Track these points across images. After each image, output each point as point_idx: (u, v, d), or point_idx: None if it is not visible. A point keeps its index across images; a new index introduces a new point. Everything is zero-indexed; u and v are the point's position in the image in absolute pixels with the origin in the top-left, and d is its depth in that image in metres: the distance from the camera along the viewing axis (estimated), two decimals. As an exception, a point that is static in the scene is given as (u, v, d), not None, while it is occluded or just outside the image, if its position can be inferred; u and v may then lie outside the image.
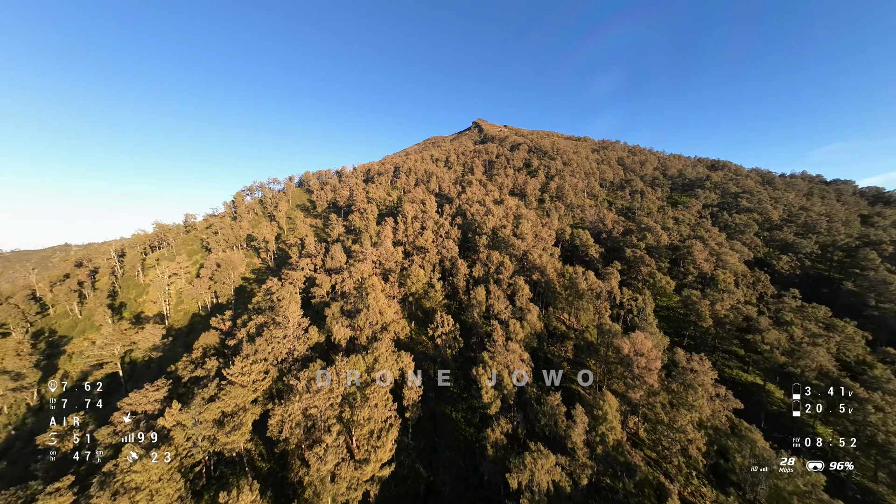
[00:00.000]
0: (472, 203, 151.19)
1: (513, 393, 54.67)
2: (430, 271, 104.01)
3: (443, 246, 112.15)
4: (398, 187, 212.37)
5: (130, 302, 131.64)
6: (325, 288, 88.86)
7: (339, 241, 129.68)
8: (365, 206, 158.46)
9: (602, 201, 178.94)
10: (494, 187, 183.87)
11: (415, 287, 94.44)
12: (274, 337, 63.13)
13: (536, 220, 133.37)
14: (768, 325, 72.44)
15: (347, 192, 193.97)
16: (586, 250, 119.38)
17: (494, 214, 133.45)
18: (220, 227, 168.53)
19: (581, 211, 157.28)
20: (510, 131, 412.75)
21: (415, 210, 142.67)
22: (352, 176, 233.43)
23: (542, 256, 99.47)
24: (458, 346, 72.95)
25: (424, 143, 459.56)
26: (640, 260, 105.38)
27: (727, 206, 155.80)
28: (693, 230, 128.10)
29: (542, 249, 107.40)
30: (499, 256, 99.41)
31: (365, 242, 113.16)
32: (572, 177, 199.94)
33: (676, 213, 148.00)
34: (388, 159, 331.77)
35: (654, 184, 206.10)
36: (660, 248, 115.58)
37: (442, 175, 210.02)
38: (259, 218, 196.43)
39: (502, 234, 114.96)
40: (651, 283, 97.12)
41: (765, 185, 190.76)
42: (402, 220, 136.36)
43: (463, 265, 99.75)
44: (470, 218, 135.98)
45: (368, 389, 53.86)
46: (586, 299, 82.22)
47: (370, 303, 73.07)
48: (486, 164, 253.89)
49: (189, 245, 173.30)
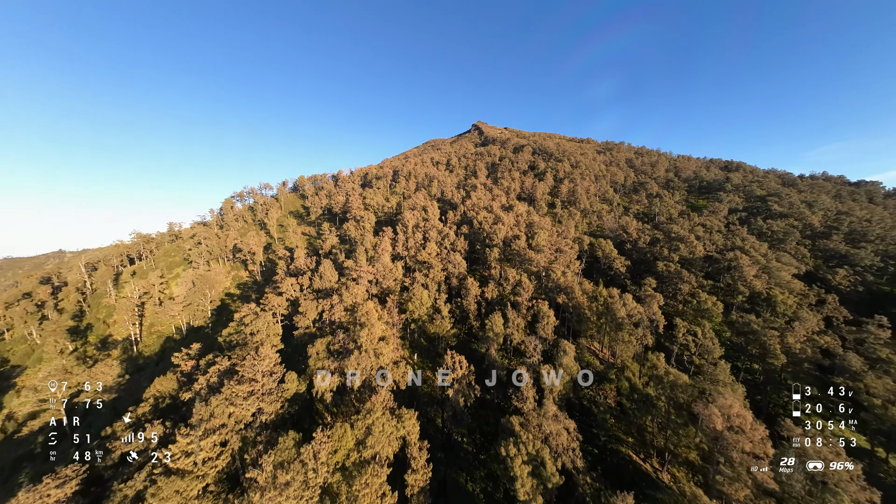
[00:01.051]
0: (478, 210, 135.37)
1: (558, 485, 38.52)
2: (435, 290, 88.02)
3: (448, 260, 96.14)
4: (397, 192, 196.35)
5: (98, 324, 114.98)
6: (310, 316, 72.74)
7: (331, 255, 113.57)
8: (361, 214, 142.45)
9: (617, 206, 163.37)
10: (500, 192, 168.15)
11: (418, 312, 78.39)
12: (236, 395, 47.00)
13: (552, 230, 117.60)
14: (862, 365, 56.66)
15: (343, 198, 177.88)
16: (610, 263, 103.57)
17: (505, 223, 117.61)
18: (205, 238, 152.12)
19: (598, 217, 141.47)
20: (511, 133, 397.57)
21: (416, 218, 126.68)
22: (348, 180, 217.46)
23: (567, 274, 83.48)
24: (474, 395, 56.92)
25: (424, 146, 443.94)
26: (678, 276, 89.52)
27: (756, 211, 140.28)
28: (727, 239, 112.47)
29: (564, 265, 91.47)
30: (515, 274, 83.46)
31: (360, 257, 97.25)
32: (583, 180, 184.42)
33: (703, 219, 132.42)
34: (387, 163, 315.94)
35: (668, 186, 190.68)
36: (694, 261, 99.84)
37: (444, 179, 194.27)
38: (249, 226, 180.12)
39: (516, 246, 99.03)
40: (694, 304, 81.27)
41: (787, 188, 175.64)
42: (401, 230, 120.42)
43: (474, 285, 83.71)
44: (477, 227, 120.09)
45: (358, 483, 37.80)
46: (626, 330, 66.30)
47: (363, 342, 56.98)
48: (489, 166, 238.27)
49: (171, 257, 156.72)
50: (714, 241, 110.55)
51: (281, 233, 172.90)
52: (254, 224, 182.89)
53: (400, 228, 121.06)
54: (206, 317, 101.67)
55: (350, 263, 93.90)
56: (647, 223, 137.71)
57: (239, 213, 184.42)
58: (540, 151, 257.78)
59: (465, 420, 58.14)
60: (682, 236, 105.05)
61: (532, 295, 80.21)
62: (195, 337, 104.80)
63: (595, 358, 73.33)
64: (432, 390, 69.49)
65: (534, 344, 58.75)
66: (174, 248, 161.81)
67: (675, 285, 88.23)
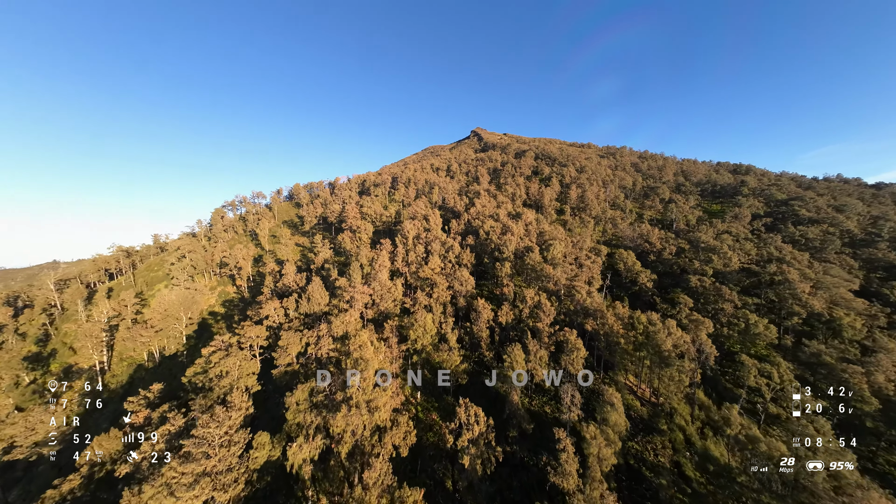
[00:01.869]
0: (483, 218, 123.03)
1: None
2: (440, 313, 75.21)
3: (455, 277, 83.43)
4: (396, 200, 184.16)
5: (63, 350, 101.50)
6: (293, 351, 59.78)
7: (323, 270, 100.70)
8: (357, 224, 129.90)
9: (630, 212, 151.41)
10: (506, 198, 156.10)
11: (421, 341, 65.53)
12: (178, 482, 33.99)
13: (567, 240, 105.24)
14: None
15: (339, 207, 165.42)
16: (634, 278, 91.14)
17: (514, 233, 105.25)
18: (189, 251, 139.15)
19: (612, 225, 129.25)
20: (511, 139, 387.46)
21: (416, 228, 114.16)
22: (345, 188, 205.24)
23: (593, 294, 70.84)
24: (495, 459, 43.92)
25: (423, 153, 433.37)
26: (717, 293, 77.03)
27: (781, 217, 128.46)
28: (760, 248, 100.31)
29: (585, 282, 78.92)
30: (533, 294, 70.76)
31: (354, 274, 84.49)
32: (591, 185, 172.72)
33: (726, 226, 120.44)
34: (386, 169, 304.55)
35: (679, 191, 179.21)
36: (730, 275, 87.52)
37: (445, 185, 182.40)
38: (239, 237, 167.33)
39: (530, 260, 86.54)
40: (740, 326, 68.68)
41: (805, 191, 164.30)
42: (401, 241, 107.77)
43: (485, 307, 70.88)
44: (484, 237, 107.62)
45: None
46: (675, 367, 53.59)
47: (353, 392, 44.09)
48: (491, 172, 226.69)
49: (153, 271, 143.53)
50: (747, 250, 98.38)
51: (273, 244, 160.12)
52: (245, 235, 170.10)
53: (399, 240, 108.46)
54: (181, 343, 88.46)
55: (343, 282, 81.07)
56: (665, 231, 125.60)
57: (229, 223, 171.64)
58: (543, 156, 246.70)
59: (484, 490, 45.10)
60: (713, 246, 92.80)
61: (553, 318, 67.49)
62: (168, 365, 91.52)
63: (633, 396, 60.44)
64: (440, 440, 56.47)
65: (570, 394, 45.77)
66: (157, 262, 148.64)
67: (715, 304, 75.71)
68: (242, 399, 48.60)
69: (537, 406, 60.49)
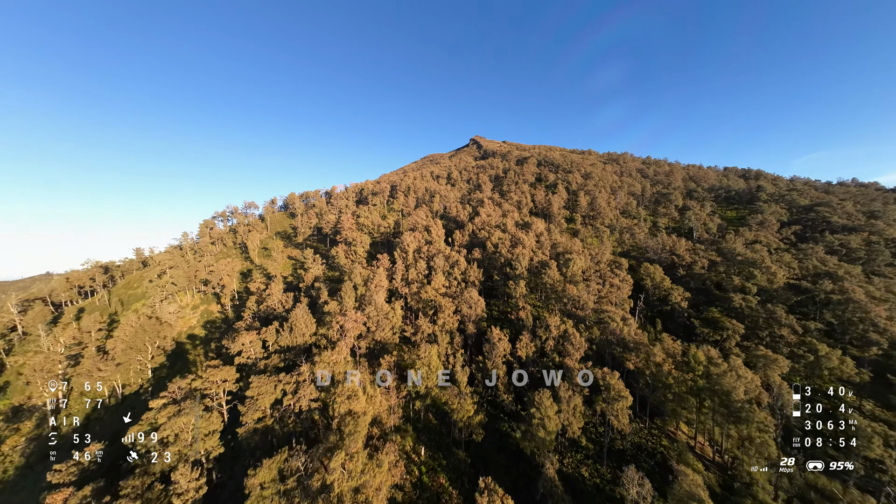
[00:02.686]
0: (490, 229, 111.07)
1: None
2: (447, 344, 62.64)
3: (463, 299, 70.97)
4: (395, 209, 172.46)
5: (17, 383, 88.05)
6: (265, 402, 46.95)
7: (313, 290, 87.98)
8: (353, 236, 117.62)
9: (644, 220, 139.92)
10: (511, 206, 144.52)
11: (426, 383, 52.92)
12: None
13: (585, 253, 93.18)
14: None
15: (334, 217, 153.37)
16: (664, 295, 78.99)
17: (526, 245, 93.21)
18: (171, 266, 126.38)
19: (630, 235, 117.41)
20: (510, 146, 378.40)
21: (417, 241, 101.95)
22: (342, 197, 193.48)
23: (629, 322, 58.41)
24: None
25: (422, 161, 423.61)
26: (769, 316, 64.81)
27: (811, 224, 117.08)
28: (800, 261, 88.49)
29: (613, 304, 66.61)
30: (557, 321, 58.31)
31: (346, 297, 71.91)
32: (600, 191, 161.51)
33: (754, 234, 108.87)
34: (385, 178, 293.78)
35: (691, 197, 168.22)
36: (776, 292, 75.47)
37: (446, 193, 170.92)
38: (228, 250, 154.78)
39: (548, 278, 74.38)
40: (810, 359, 56.32)
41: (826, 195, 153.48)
42: (400, 256, 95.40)
43: (501, 338, 58.34)
44: (492, 250, 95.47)
45: None
46: (753, 424, 41.01)
47: (337, 479, 31.49)
48: (493, 179, 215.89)
49: (132, 289, 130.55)
50: (786, 262, 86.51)
51: (264, 257, 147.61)
52: (234, 248, 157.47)
53: (399, 254, 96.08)
54: (145, 379, 75.30)
55: (333, 306, 68.40)
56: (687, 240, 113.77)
57: (218, 235, 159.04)
58: (545, 162, 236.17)
59: None
60: (752, 259, 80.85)
61: (584, 353, 54.98)
62: (132, 402, 78.21)
63: (692, 455, 47.62)
64: None
65: (635, 482, 32.88)
66: (137, 279, 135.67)
67: (769, 329, 63.43)
68: (191, 478, 35.79)
69: (571, 466, 47.73)
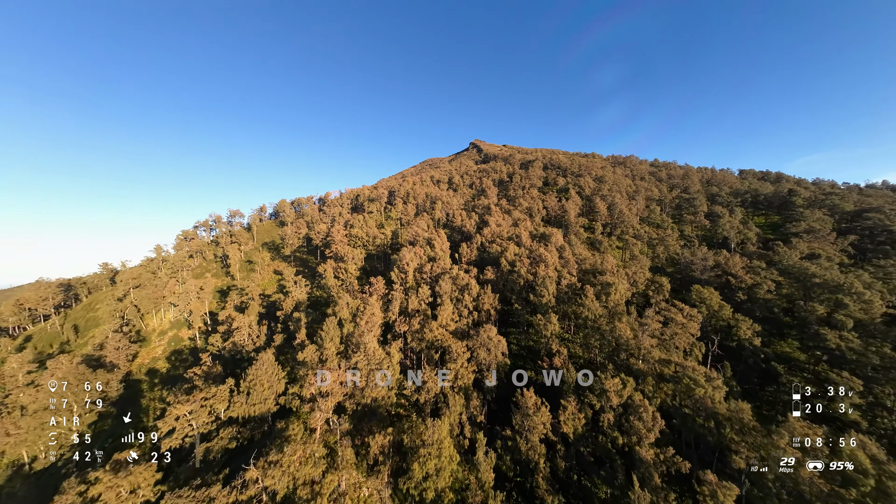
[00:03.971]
0: (502, 242, 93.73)
1: None
2: (462, 406, 45.24)
3: (479, 342, 53.43)
4: (393, 217, 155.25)
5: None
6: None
7: (291, 322, 70.10)
8: (344, 251, 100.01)
9: (670, 228, 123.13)
10: (522, 214, 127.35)
11: (435, 483, 35.43)
12: None
13: (621, 273, 75.95)
14: None
15: (325, 227, 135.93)
16: (726, 328, 61.85)
17: (549, 263, 75.93)
18: (136, 285, 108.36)
19: (663, 247, 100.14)
20: (512, 150, 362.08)
21: (418, 257, 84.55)
22: (336, 204, 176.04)
23: (716, 385, 40.98)
24: None
25: (421, 165, 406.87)
26: (892, 365, 47.65)
27: (869, 234, 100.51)
28: (885, 282, 71.64)
29: (679, 349, 49.24)
30: (618, 385, 40.84)
31: (329, 341, 54.28)
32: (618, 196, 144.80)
33: (808, 246, 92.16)
34: (383, 183, 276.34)
35: (715, 202, 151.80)
36: (874, 327, 58.44)
37: (448, 200, 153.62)
38: (208, 265, 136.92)
39: (588, 311, 56.99)
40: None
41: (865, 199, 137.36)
42: (398, 276, 77.79)
43: (540, 409, 40.83)
44: (507, 269, 78.07)
45: None
46: None
47: None
48: (497, 184, 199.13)
49: (93, 311, 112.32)
50: (868, 283, 69.53)
51: (248, 271, 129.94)
52: (215, 261, 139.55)
53: (396, 274, 78.35)
54: (66, 446, 57.10)
55: (310, 352, 50.69)
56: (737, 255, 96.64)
57: (197, 247, 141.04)
58: (552, 166, 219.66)
59: None
60: (839, 283, 63.68)
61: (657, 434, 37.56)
62: (54, 477, 60.03)
63: None
64: None
65: None
66: (99, 299, 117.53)
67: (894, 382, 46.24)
68: None
69: None
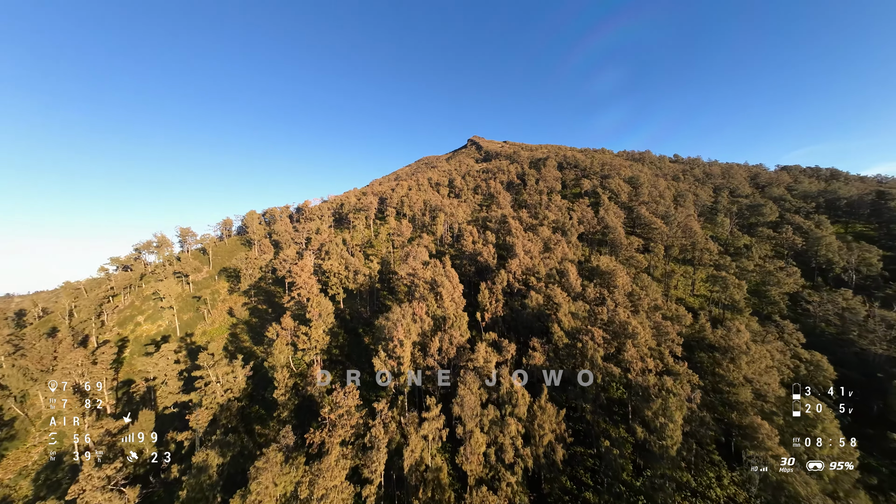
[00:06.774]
0: (544, 286, 61.02)
1: None
2: None
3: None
4: (383, 235, 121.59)
5: None
6: None
7: (218, 449, 37.10)
8: (310, 296, 66.39)
9: (757, 252, 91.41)
10: (550, 232, 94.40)
11: None
12: None
13: (765, 354, 43.98)
14: None
15: (295, 251, 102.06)
16: None
17: (640, 339, 43.60)
18: (14, 351, 74.11)
19: (776, 285, 67.92)
20: (514, 146, 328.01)
21: (418, 326, 51.47)
22: (315, 215, 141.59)
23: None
24: None
25: (417, 165, 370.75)
26: None
27: None
28: None
29: None
30: None
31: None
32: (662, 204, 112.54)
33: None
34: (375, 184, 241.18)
35: (782, 208, 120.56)
36: None
37: (452, 211, 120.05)
38: (143, 303, 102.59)
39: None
40: None
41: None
42: (389, 364, 45.10)
43: None
44: (562, 344, 45.53)
45: None
46: None
47: None
48: (507, 187, 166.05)
49: None
50: None
51: (193, 311, 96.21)
52: (152, 299, 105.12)
53: (383, 359, 45.36)
54: None
55: None
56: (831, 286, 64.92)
57: (123, 282, 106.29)
58: (568, 165, 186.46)
59: None
60: None
61: None
62: None
63: None
64: None
65: None
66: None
67: None
68: None
69: None
